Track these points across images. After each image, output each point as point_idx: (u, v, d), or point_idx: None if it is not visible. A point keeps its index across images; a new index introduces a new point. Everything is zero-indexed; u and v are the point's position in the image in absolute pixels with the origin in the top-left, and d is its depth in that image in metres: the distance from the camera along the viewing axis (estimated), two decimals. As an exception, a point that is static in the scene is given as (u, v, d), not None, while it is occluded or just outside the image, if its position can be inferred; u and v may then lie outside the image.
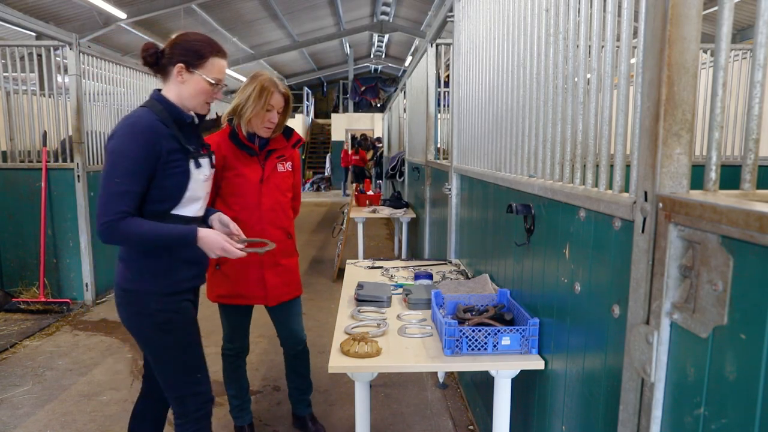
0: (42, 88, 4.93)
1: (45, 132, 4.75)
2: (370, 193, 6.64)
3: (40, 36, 4.65)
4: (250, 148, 2.34)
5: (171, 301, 1.79)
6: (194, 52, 1.73)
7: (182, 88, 1.75)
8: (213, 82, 1.77)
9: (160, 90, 1.79)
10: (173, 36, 1.78)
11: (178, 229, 1.72)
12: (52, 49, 4.66)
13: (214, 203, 2.35)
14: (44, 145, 4.68)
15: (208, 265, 1.94)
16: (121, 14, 10.59)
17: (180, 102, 1.77)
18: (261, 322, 3.68)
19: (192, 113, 1.81)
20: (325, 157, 19.55)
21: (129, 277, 1.76)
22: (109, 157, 1.65)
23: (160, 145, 1.67)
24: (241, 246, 1.81)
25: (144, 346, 1.83)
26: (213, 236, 1.75)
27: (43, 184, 4.63)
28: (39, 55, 4.81)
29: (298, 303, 2.60)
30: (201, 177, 1.80)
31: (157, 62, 1.75)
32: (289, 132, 2.47)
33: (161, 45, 1.77)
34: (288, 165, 2.46)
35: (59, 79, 4.71)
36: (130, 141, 1.64)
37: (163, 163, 1.68)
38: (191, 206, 1.80)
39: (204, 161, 1.83)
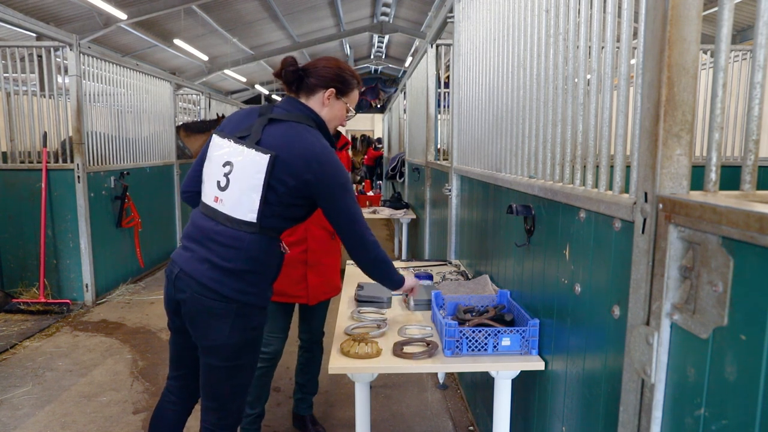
0: (42, 88, 4.93)
1: (45, 133, 4.75)
2: (370, 193, 6.64)
3: (40, 37, 4.65)
4: None
5: (265, 315, 1.78)
6: (346, 82, 1.82)
7: (325, 110, 1.80)
8: (351, 110, 1.88)
9: (306, 106, 1.77)
10: (326, 59, 1.84)
11: (396, 270, 1.90)
12: (52, 49, 4.67)
13: None
14: (44, 145, 4.68)
15: None
16: (122, 15, 10.60)
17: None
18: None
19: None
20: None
21: (245, 289, 1.66)
22: (341, 188, 1.68)
23: None
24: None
25: (225, 359, 1.69)
26: (414, 282, 2.01)
27: (43, 185, 4.63)
28: (39, 56, 4.81)
29: (329, 302, 2.64)
30: None
31: (299, 78, 1.78)
32: (336, 134, 2.50)
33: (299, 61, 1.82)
34: None
35: (59, 79, 4.71)
36: (342, 167, 1.71)
37: None
38: None
39: None
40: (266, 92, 23.46)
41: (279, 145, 1.63)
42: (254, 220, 1.62)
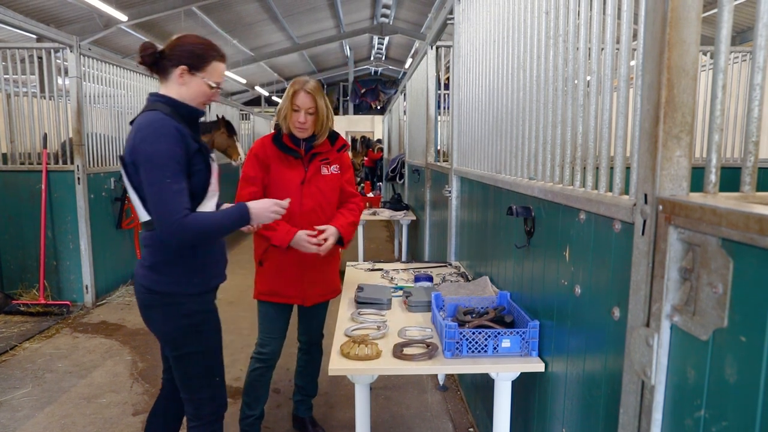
0: (42, 90, 4.94)
1: (45, 134, 4.75)
2: (370, 195, 6.64)
3: (40, 38, 4.65)
4: (293, 150, 2.37)
5: (204, 300, 1.83)
6: (197, 56, 1.77)
7: (183, 90, 1.78)
8: (213, 85, 1.81)
9: (158, 94, 1.80)
10: (175, 37, 1.80)
11: (231, 210, 1.80)
12: (52, 51, 4.67)
13: None
14: (44, 147, 4.68)
15: (227, 262, 2.00)
16: (122, 16, 10.61)
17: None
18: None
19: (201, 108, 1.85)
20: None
21: (162, 279, 1.76)
22: (152, 162, 1.63)
23: (185, 142, 1.70)
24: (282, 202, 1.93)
25: (172, 348, 1.81)
26: (261, 203, 1.87)
27: (43, 186, 4.63)
28: (40, 58, 4.81)
29: (326, 304, 2.62)
30: (215, 172, 1.86)
31: (155, 62, 1.76)
32: (334, 137, 2.47)
33: (159, 45, 1.79)
34: (333, 168, 2.46)
35: (60, 81, 4.71)
36: (165, 141, 1.64)
37: (188, 160, 1.72)
38: (211, 201, 1.84)
39: (213, 157, 1.88)
40: (266, 93, 23.47)
41: (126, 146, 1.72)
42: (149, 218, 1.73)
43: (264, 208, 1.84)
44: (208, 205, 1.82)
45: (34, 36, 4.57)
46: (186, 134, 1.71)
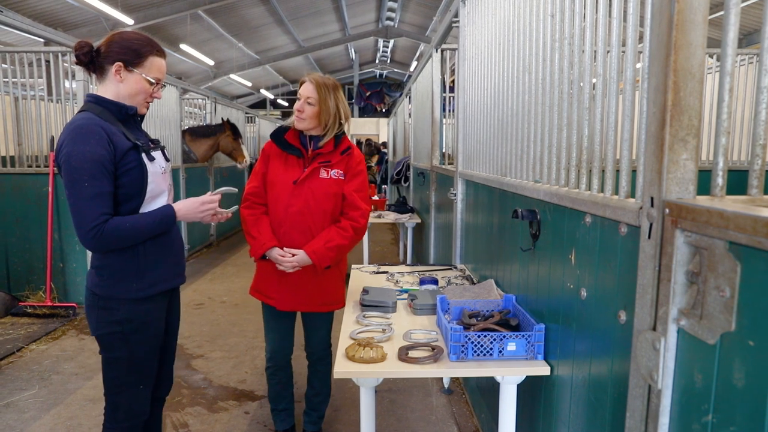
0: (50, 93, 4.97)
1: (53, 137, 4.79)
2: (375, 198, 6.65)
3: (48, 42, 4.69)
4: (295, 149, 2.32)
5: (142, 310, 1.79)
6: (133, 51, 1.72)
7: (121, 87, 1.73)
8: (152, 81, 1.77)
9: (91, 94, 1.77)
10: (109, 34, 1.77)
11: (156, 213, 1.75)
12: (60, 54, 4.70)
13: None
14: (51, 149, 4.71)
15: (184, 262, 1.96)
16: (129, 20, 10.68)
17: (118, 100, 1.75)
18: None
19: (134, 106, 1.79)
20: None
21: (100, 282, 1.75)
22: (69, 164, 1.61)
23: (112, 142, 1.66)
24: (215, 193, 1.92)
25: (101, 349, 1.83)
26: (188, 202, 1.83)
27: (50, 189, 4.66)
28: (47, 61, 4.85)
29: (323, 318, 2.51)
30: (158, 170, 1.79)
31: (92, 61, 1.72)
32: (339, 138, 2.34)
33: (95, 43, 1.74)
34: (334, 172, 2.32)
35: (67, 84, 4.74)
36: (84, 143, 1.61)
37: (118, 160, 1.67)
38: (157, 201, 1.79)
39: (156, 154, 1.82)
40: (271, 96, 23.54)
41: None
42: None
43: (191, 208, 1.83)
44: (155, 205, 1.78)
45: (42, 40, 4.60)
46: (114, 133, 1.68)
